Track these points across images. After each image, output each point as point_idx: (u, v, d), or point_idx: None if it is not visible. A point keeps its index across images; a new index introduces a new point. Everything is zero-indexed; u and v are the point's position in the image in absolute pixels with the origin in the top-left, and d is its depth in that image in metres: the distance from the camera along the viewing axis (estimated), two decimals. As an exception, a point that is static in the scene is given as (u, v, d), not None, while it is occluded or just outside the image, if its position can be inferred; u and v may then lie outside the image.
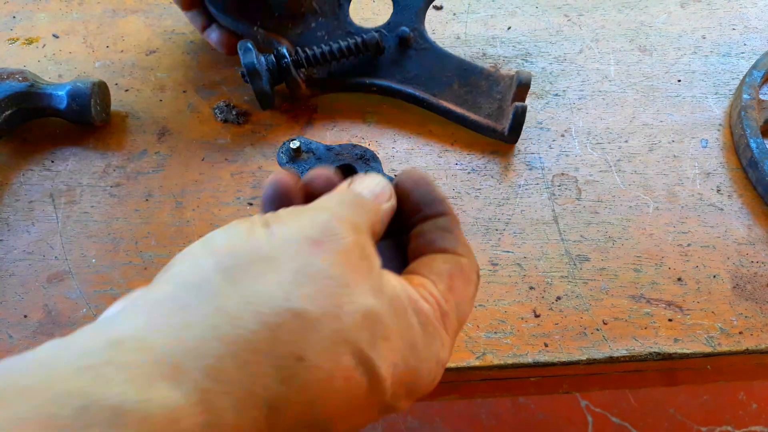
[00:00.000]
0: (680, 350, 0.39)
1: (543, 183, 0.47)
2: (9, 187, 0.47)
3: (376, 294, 0.24)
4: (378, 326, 0.24)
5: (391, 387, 0.24)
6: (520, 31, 0.58)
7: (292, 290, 0.22)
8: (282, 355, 0.21)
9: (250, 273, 0.23)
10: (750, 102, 0.49)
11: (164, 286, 0.23)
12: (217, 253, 0.23)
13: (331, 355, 0.22)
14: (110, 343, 0.20)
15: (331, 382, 0.22)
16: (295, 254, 0.24)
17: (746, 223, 0.45)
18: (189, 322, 0.21)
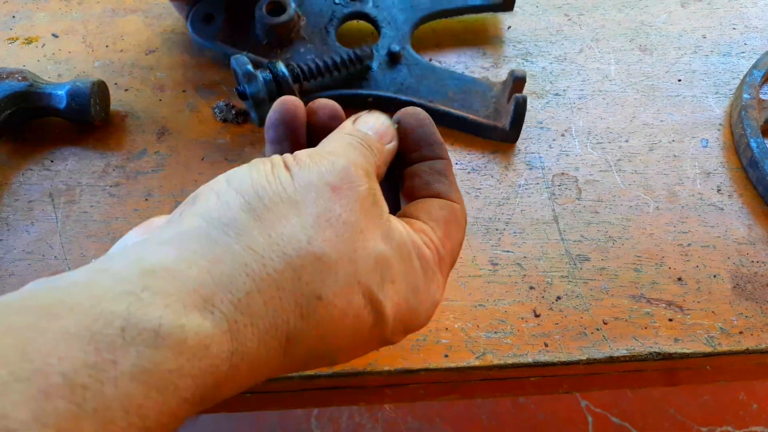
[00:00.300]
0: (680, 350, 0.39)
1: (543, 183, 0.47)
2: (8, 186, 0.47)
3: (386, 239, 0.26)
4: (387, 270, 0.26)
5: (393, 324, 0.27)
6: (520, 30, 0.58)
7: (313, 234, 0.24)
8: (303, 293, 0.23)
9: (276, 214, 0.24)
10: (750, 101, 0.49)
11: (193, 220, 0.24)
12: (244, 193, 0.25)
13: (346, 295, 0.25)
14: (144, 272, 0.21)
15: (342, 318, 0.25)
16: (316, 198, 0.25)
17: (746, 223, 0.45)
18: (220, 257, 0.22)
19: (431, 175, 0.31)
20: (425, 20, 0.55)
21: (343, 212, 0.25)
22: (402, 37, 0.53)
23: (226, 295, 0.22)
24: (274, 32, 0.52)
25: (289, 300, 0.23)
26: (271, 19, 0.52)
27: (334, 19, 0.54)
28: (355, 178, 0.26)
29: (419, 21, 0.55)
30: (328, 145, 0.29)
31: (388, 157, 0.30)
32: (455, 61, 0.55)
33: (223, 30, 0.53)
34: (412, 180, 0.31)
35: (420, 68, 0.52)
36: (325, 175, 0.26)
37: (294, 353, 0.24)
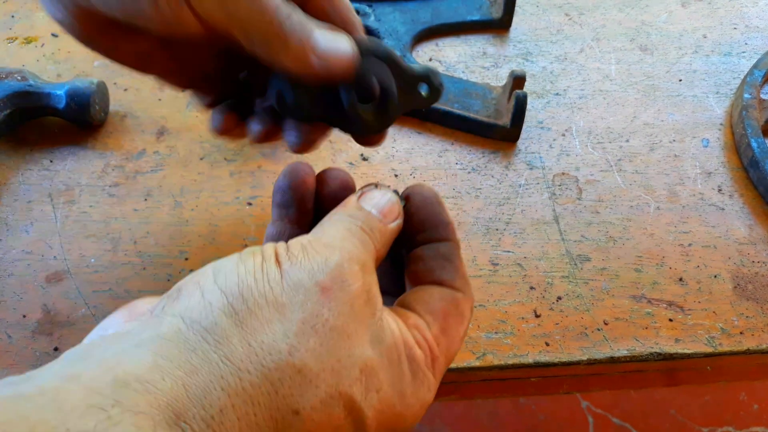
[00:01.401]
0: (681, 350, 0.39)
1: (543, 183, 0.47)
2: (8, 186, 0.47)
3: (375, 343, 0.25)
4: (372, 377, 0.24)
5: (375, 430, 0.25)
6: (521, 30, 0.58)
7: (295, 343, 0.23)
8: (279, 408, 0.22)
9: (259, 319, 0.23)
10: (751, 101, 0.49)
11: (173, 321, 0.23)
12: (229, 293, 0.23)
13: (325, 409, 0.23)
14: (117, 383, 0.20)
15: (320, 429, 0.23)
16: (303, 302, 0.24)
17: (747, 223, 0.45)
18: (196, 368, 0.21)
19: (435, 261, 0.29)
20: (426, 33, 0.56)
21: (331, 317, 0.24)
22: (403, 47, 0.54)
23: (199, 411, 0.21)
24: None
25: (264, 416, 0.22)
26: None
27: None
28: (348, 277, 0.25)
29: (419, 33, 0.56)
30: (327, 231, 0.27)
31: (390, 237, 0.29)
32: (455, 61, 0.55)
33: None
34: (416, 264, 0.30)
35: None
36: (317, 274, 0.24)
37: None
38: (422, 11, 0.57)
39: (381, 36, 0.55)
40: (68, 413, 0.19)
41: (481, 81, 0.53)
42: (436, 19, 0.57)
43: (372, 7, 0.57)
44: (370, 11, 0.57)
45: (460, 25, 0.57)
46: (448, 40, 0.57)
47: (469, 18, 0.57)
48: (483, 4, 0.58)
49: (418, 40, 0.56)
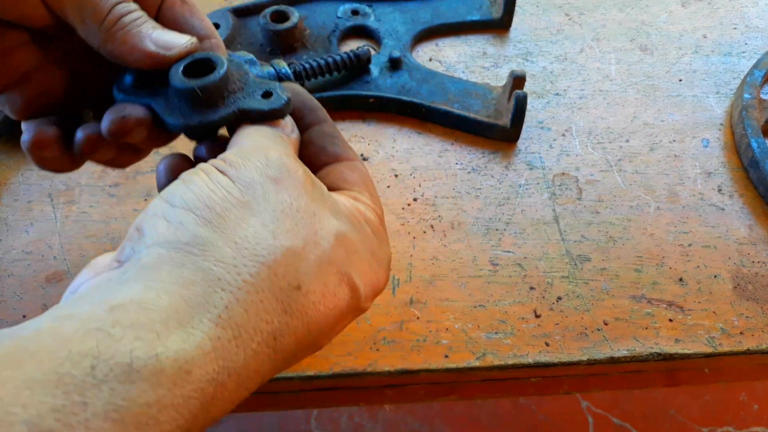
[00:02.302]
0: (681, 350, 0.39)
1: (543, 183, 0.47)
2: (8, 186, 0.47)
3: (337, 215, 0.27)
4: (347, 242, 0.26)
5: (364, 292, 0.27)
6: (521, 30, 0.58)
7: (275, 228, 0.24)
8: (282, 288, 0.23)
9: (232, 220, 0.24)
10: (751, 101, 0.49)
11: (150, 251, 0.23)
12: (193, 208, 0.24)
13: (321, 278, 0.25)
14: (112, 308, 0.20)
15: (323, 301, 0.25)
16: (264, 194, 0.25)
17: (747, 223, 0.45)
18: (190, 279, 0.22)
19: (325, 139, 0.31)
20: (425, 33, 0.56)
21: (293, 200, 0.25)
22: (403, 46, 0.54)
23: (204, 315, 0.21)
24: (277, 40, 0.52)
25: (269, 300, 0.23)
26: (275, 26, 0.52)
27: (336, 31, 0.55)
28: (290, 166, 0.26)
29: (419, 33, 0.56)
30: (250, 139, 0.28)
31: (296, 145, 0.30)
32: (455, 61, 0.55)
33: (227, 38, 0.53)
34: (307, 148, 0.31)
35: (421, 73, 0.52)
36: (264, 170, 0.26)
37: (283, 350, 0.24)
38: (422, 11, 0.57)
39: (381, 36, 0.55)
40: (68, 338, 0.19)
41: (481, 81, 0.53)
42: (436, 19, 0.57)
43: (372, 7, 0.57)
44: (369, 11, 0.57)
45: (460, 25, 0.57)
46: (448, 40, 0.57)
47: (469, 18, 0.57)
48: (483, 4, 0.58)
49: (419, 40, 0.56)
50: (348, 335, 0.39)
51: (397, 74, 0.52)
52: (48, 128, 0.31)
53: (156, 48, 0.29)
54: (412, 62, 0.53)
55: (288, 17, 0.53)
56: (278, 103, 0.29)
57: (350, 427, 1.09)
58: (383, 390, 0.42)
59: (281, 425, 1.09)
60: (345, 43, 0.56)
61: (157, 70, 0.30)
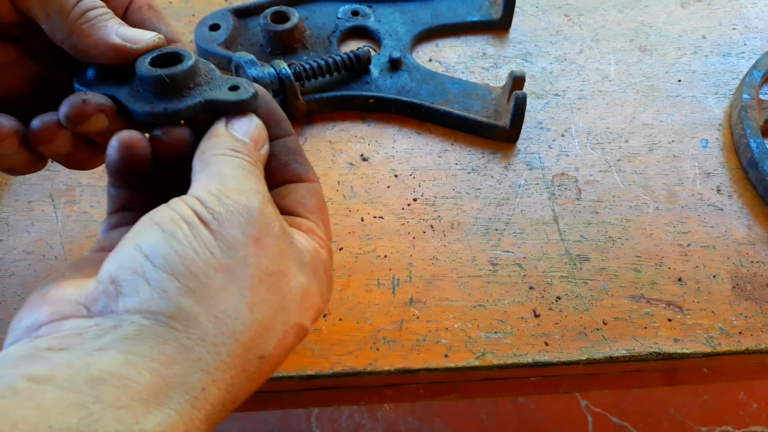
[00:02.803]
0: (680, 350, 0.39)
1: (543, 183, 0.47)
2: (8, 187, 0.47)
3: (302, 268, 0.27)
4: (309, 297, 0.27)
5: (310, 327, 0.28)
6: (520, 30, 0.58)
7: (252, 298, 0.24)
8: (249, 360, 0.24)
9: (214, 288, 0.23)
10: (750, 102, 0.49)
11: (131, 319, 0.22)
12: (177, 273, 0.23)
13: (282, 342, 0.25)
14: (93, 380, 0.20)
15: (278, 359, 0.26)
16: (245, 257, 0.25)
17: (746, 223, 0.45)
18: (171, 358, 0.22)
19: (287, 155, 0.30)
20: (425, 34, 0.57)
21: (270, 264, 0.25)
22: (403, 47, 0.54)
23: (182, 396, 0.21)
24: (278, 40, 0.53)
25: (238, 376, 0.23)
26: (276, 27, 0.52)
27: (336, 31, 0.55)
28: (269, 221, 0.26)
29: (420, 34, 0.56)
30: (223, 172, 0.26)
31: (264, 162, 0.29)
32: (455, 62, 0.55)
33: (228, 39, 0.53)
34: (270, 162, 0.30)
35: (421, 73, 0.52)
36: (246, 228, 0.25)
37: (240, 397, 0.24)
38: (422, 12, 0.57)
39: (381, 37, 0.55)
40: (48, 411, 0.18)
41: (480, 81, 0.53)
42: (436, 20, 0.57)
43: (372, 8, 0.57)
44: (370, 12, 0.57)
45: (459, 26, 0.57)
46: (448, 41, 0.57)
47: (468, 18, 0.57)
48: (483, 5, 0.58)
49: (419, 40, 0.57)
50: (348, 335, 0.39)
51: (397, 75, 0.52)
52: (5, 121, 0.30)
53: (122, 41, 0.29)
54: (411, 63, 0.53)
55: (288, 18, 0.53)
56: (245, 95, 0.29)
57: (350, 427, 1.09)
58: (383, 389, 0.42)
59: (281, 424, 1.09)
60: (345, 43, 0.56)
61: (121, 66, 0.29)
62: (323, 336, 0.39)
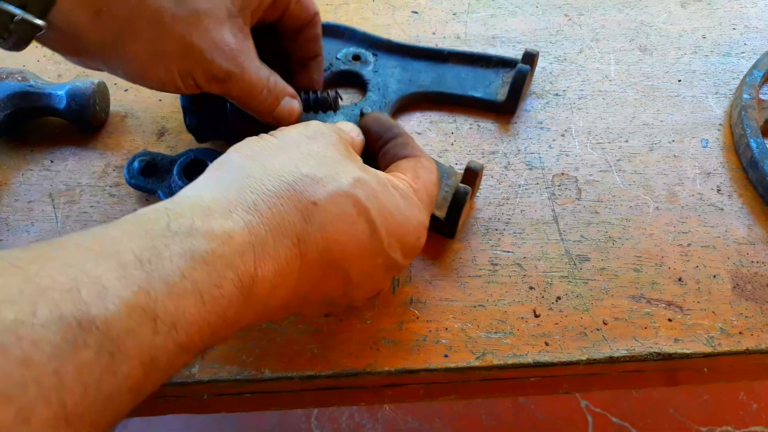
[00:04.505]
0: (680, 350, 0.39)
1: (543, 183, 0.47)
2: (8, 186, 0.47)
3: (363, 170, 0.33)
4: (368, 187, 0.32)
5: (386, 236, 0.32)
6: (520, 30, 0.58)
7: (300, 161, 0.31)
8: (300, 201, 0.30)
9: (267, 157, 0.32)
10: (750, 102, 0.49)
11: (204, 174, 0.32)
12: (241, 151, 0.32)
13: (336, 202, 0.31)
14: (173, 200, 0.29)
15: (340, 222, 0.31)
16: (297, 144, 0.33)
17: (746, 223, 0.45)
18: (228, 185, 0.30)
19: (395, 148, 0.38)
20: (417, 97, 0.52)
21: (321, 149, 0.33)
22: (384, 105, 0.50)
23: (238, 205, 0.29)
24: None
25: (289, 206, 0.29)
26: None
27: (328, 71, 0.52)
28: (326, 132, 0.34)
29: (409, 95, 0.51)
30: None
31: (357, 146, 0.38)
32: (455, 62, 0.55)
33: None
34: (384, 159, 0.39)
35: None
36: (303, 132, 0.34)
37: (306, 254, 0.30)
38: (425, 74, 0.52)
39: (369, 88, 0.51)
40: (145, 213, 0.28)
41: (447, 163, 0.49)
42: (436, 86, 0.52)
43: (376, 57, 0.53)
44: (372, 60, 0.53)
45: (459, 98, 0.51)
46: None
47: (470, 93, 0.51)
48: (493, 83, 0.52)
49: (407, 103, 0.52)
50: (348, 335, 0.39)
51: None
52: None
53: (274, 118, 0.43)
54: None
55: None
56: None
57: (350, 427, 1.09)
58: (383, 390, 0.42)
59: (281, 424, 1.09)
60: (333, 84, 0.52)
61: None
62: (323, 336, 0.39)
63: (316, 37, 0.44)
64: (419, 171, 0.37)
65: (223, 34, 0.37)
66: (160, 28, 0.35)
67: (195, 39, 0.36)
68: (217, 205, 0.28)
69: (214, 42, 0.36)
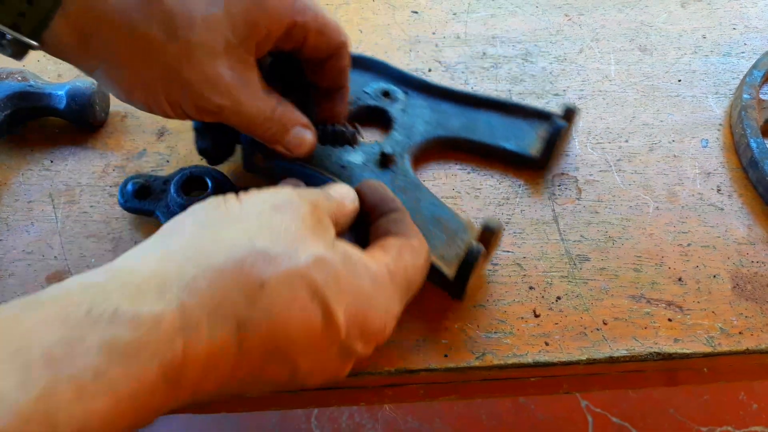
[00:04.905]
0: (680, 350, 0.39)
1: (543, 183, 0.47)
2: (8, 186, 0.47)
3: (328, 248, 0.30)
4: (329, 269, 0.29)
5: (345, 325, 0.29)
6: (520, 30, 0.58)
7: (256, 235, 0.28)
8: (246, 281, 0.27)
9: (221, 227, 0.29)
10: (750, 102, 0.49)
11: (153, 237, 0.30)
12: (196, 216, 0.30)
13: (289, 285, 0.27)
14: (107, 271, 0.26)
15: (289, 308, 0.27)
16: (259, 213, 0.30)
17: (746, 223, 0.45)
18: (171, 256, 0.27)
19: (388, 223, 0.35)
20: (443, 141, 0.48)
21: (284, 223, 0.29)
22: (406, 146, 0.46)
23: (175, 282, 0.26)
24: None
25: (233, 286, 0.26)
26: None
27: (354, 104, 0.49)
28: (296, 202, 0.31)
29: (436, 139, 0.47)
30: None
31: (349, 213, 0.35)
32: (455, 62, 0.55)
33: None
34: (375, 233, 0.35)
35: (405, 181, 0.44)
36: (268, 200, 0.31)
37: (247, 343, 0.27)
38: (455, 118, 0.48)
39: (394, 126, 0.47)
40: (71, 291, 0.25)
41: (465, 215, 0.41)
42: (465, 132, 0.47)
43: (407, 95, 0.50)
44: (401, 98, 0.49)
45: (488, 148, 0.47)
46: (448, 40, 0.57)
47: (501, 144, 0.47)
48: (527, 136, 0.47)
49: (433, 147, 0.48)
50: (348, 335, 0.39)
51: (381, 173, 0.44)
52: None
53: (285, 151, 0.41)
54: (403, 167, 0.45)
55: None
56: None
57: (350, 427, 1.09)
58: (383, 390, 0.42)
59: (281, 424, 1.09)
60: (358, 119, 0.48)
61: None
62: (323, 336, 0.39)
63: (342, 69, 0.41)
64: (404, 252, 0.33)
65: (217, 68, 0.35)
66: (149, 58, 0.33)
67: (185, 72, 0.34)
68: (152, 281, 0.26)
69: (206, 76, 0.34)
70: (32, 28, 0.32)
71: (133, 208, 0.44)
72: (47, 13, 0.31)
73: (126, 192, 0.43)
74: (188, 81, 0.34)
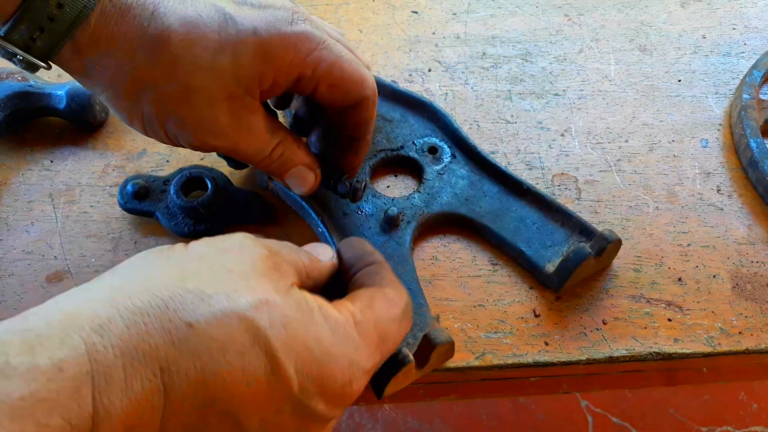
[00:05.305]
0: (680, 350, 0.39)
1: (543, 183, 0.47)
2: (8, 186, 0.47)
3: (280, 293, 0.27)
4: (276, 313, 0.25)
5: (297, 377, 0.25)
6: (520, 30, 0.58)
7: (190, 276, 0.26)
8: (171, 320, 0.24)
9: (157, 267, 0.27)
10: (750, 102, 0.49)
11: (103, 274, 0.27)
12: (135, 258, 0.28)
13: (223, 325, 0.24)
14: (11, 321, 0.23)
15: (223, 352, 0.24)
16: (202, 256, 0.27)
17: (746, 223, 0.45)
18: (90, 298, 0.24)
19: (364, 276, 0.33)
20: (460, 220, 0.44)
21: (229, 263, 0.27)
22: (418, 213, 0.43)
23: (86, 323, 0.23)
24: None
25: (155, 325, 0.24)
26: None
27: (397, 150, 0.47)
28: (250, 246, 0.28)
29: (454, 214, 0.44)
30: None
31: (324, 270, 0.33)
32: (455, 62, 0.55)
33: None
34: (352, 287, 0.33)
35: (395, 249, 0.42)
36: (218, 244, 0.28)
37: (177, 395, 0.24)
38: (488, 201, 0.44)
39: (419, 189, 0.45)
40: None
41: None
42: (489, 219, 0.43)
43: (453, 159, 0.46)
44: (446, 162, 0.46)
45: (504, 243, 0.43)
46: (448, 40, 0.57)
47: (519, 245, 0.42)
48: (555, 245, 0.42)
49: (446, 222, 0.44)
50: (348, 335, 0.39)
51: (384, 235, 0.42)
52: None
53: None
54: (402, 233, 0.43)
55: None
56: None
57: (350, 427, 1.09)
58: (383, 389, 0.42)
59: (281, 425, 1.09)
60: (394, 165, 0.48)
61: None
62: (323, 336, 0.39)
63: (361, 122, 0.39)
64: (376, 302, 0.30)
65: (215, 113, 0.34)
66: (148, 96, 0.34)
67: (182, 113, 0.34)
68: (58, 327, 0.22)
69: (202, 119, 0.34)
70: (44, 50, 0.33)
71: (133, 210, 0.44)
72: (57, 41, 0.32)
73: (126, 193, 0.43)
74: (184, 121, 0.34)
